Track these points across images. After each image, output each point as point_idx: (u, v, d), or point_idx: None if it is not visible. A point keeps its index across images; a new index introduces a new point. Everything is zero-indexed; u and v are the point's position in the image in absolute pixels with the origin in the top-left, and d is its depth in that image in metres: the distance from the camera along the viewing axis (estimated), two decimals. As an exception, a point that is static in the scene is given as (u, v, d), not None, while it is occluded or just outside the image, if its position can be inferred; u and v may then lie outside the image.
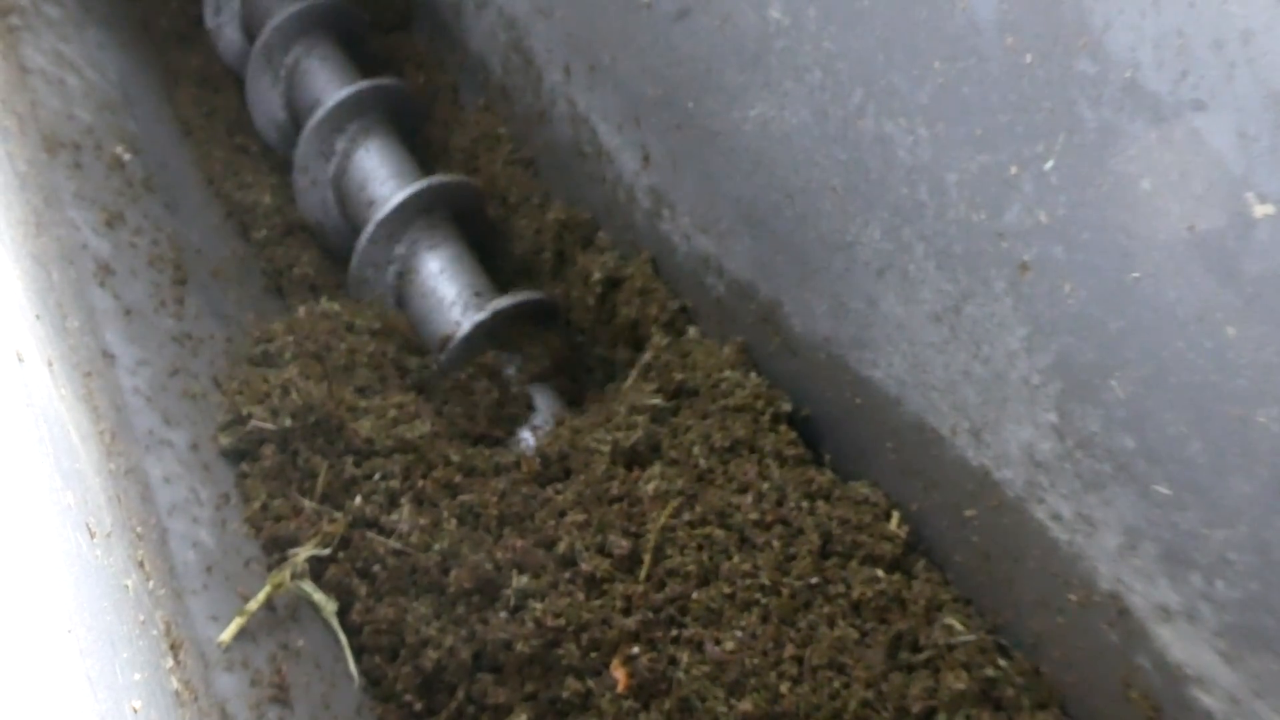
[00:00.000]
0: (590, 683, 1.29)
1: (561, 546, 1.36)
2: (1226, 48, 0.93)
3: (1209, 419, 0.99)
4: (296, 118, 2.08)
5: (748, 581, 1.31)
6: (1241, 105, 0.92)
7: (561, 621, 1.30)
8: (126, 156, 1.73)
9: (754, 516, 1.34)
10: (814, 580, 1.30)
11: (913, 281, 1.25)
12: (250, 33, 2.18)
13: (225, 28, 2.22)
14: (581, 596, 1.32)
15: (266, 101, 2.09)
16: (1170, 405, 1.02)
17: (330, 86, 1.98)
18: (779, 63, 1.35)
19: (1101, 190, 1.03)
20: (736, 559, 1.32)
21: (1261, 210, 0.92)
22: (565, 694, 1.28)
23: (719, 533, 1.34)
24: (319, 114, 1.90)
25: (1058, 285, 1.09)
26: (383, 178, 1.88)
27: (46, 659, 0.64)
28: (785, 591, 1.29)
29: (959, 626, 1.26)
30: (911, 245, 1.24)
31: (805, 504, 1.36)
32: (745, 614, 1.29)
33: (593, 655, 1.30)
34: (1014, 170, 1.11)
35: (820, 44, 1.29)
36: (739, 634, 1.27)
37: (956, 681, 1.21)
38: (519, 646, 1.30)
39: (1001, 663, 1.24)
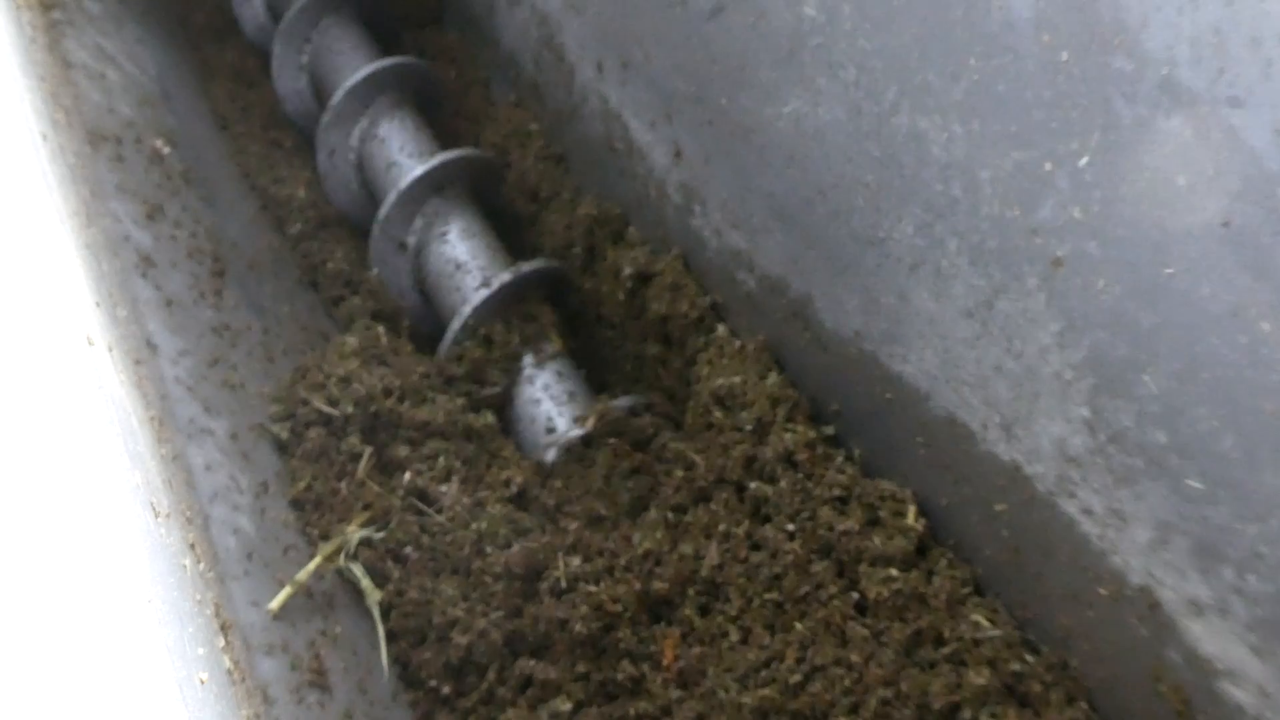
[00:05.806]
0: (644, 667, 1.30)
1: (620, 535, 1.39)
2: (1264, 45, 0.93)
3: (1242, 414, 1.00)
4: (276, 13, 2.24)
5: (719, 619, 1.33)
6: (1278, 102, 0.93)
7: (619, 607, 1.32)
8: (166, 150, 1.75)
9: (715, 562, 1.35)
10: (803, 590, 1.31)
11: (945, 277, 1.26)
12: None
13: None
14: (639, 586, 1.34)
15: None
16: (1203, 400, 1.02)
17: None
18: (813, 59, 1.36)
19: (1136, 186, 1.04)
20: (706, 602, 1.34)
21: (1297, 207, 0.93)
22: (619, 677, 1.30)
23: (678, 596, 1.36)
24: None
25: (1091, 281, 1.10)
26: (347, 49, 2.06)
27: (132, 627, 0.66)
28: (756, 603, 1.31)
29: (984, 622, 1.26)
30: (944, 241, 1.25)
31: (794, 522, 1.35)
32: (729, 634, 1.32)
33: (653, 630, 1.32)
34: (1048, 167, 1.11)
35: (855, 41, 1.30)
36: (735, 638, 1.29)
37: (979, 677, 1.21)
38: (576, 628, 1.31)
39: (1028, 658, 1.24)
